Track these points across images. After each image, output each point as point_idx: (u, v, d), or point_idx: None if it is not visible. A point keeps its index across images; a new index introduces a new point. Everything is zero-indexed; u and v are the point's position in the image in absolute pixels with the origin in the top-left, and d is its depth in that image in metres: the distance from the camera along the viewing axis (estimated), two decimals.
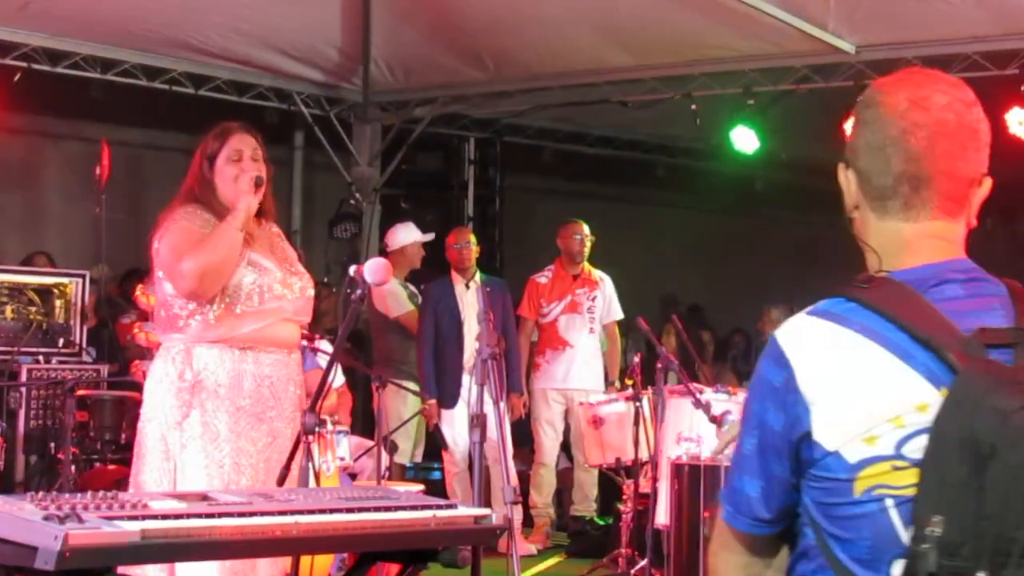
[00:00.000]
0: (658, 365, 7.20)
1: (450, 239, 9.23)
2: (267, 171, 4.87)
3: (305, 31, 10.56)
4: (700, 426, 6.91)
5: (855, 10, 9.00)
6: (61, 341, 8.89)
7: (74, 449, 7.70)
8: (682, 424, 7.09)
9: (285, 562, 4.57)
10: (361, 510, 3.29)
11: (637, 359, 7.84)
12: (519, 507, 8.75)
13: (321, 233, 12.34)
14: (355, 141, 11.92)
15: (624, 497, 7.96)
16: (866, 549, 2.02)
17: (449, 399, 8.84)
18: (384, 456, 7.16)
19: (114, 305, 10.11)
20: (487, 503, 5.77)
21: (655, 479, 7.01)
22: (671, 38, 9.83)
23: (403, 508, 3.36)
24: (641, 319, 7.58)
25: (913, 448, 1.98)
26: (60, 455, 7.67)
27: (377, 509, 3.31)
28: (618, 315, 9.68)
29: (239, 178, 4.77)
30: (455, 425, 8.84)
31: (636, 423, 7.54)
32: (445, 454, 9.05)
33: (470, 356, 8.51)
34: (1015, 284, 2.13)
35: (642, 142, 13.94)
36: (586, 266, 9.60)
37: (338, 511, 3.25)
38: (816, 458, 2.04)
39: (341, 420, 7.65)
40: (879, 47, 9.41)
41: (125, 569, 4.30)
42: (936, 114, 2.10)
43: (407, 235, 9.64)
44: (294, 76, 11.19)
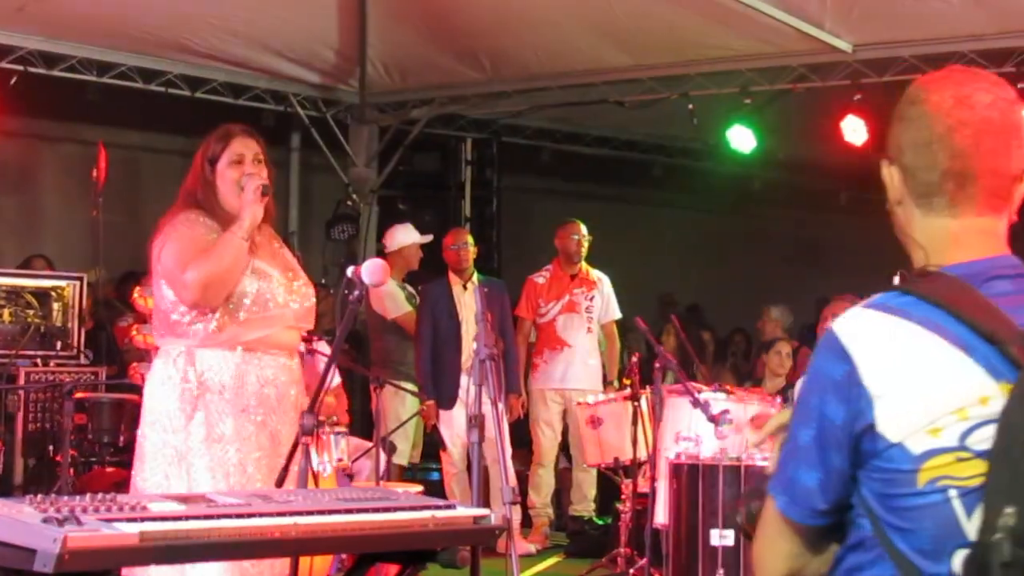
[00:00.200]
0: (656, 365, 7.20)
1: (448, 240, 9.23)
2: (269, 174, 4.81)
3: (301, 33, 10.55)
4: (698, 426, 6.91)
5: (852, 9, 9.00)
6: (59, 344, 8.89)
7: (73, 452, 7.70)
8: (680, 424, 7.08)
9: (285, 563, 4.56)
10: (360, 511, 3.29)
11: (635, 359, 7.84)
12: (518, 507, 8.75)
13: (318, 235, 12.33)
14: (352, 142, 11.92)
15: (623, 497, 7.96)
16: (928, 539, 2.06)
17: (447, 400, 8.84)
18: (383, 457, 7.16)
19: (111, 308, 10.10)
20: (486, 503, 5.76)
21: (653, 479, 7.00)
22: (668, 38, 9.83)
23: (402, 509, 3.36)
24: (639, 319, 7.58)
25: (977, 440, 2.02)
26: (59, 458, 7.67)
27: (376, 510, 3.31)
28: (616, 315, 9.67)
29: (244, 184, 4.70)
30: (453, 426, 8.83)
31: (634, 423, 7.54)
32: (443, 455, 9.04)
33: (468, 357, 8.51)
34: None
35: (640, 142, 13.94)
36: (584, 266, 9.59)
37: (337, 512, 3.25)
38: (879, 450, 2.07)
39: (339, 420, 7.64)
40: (876, 46, 9.41)
41: (130, 570, 4.31)
42: (981, 112, 2.14)
43: (405, 236, 9.65)
44: (290, 78, 11.18)
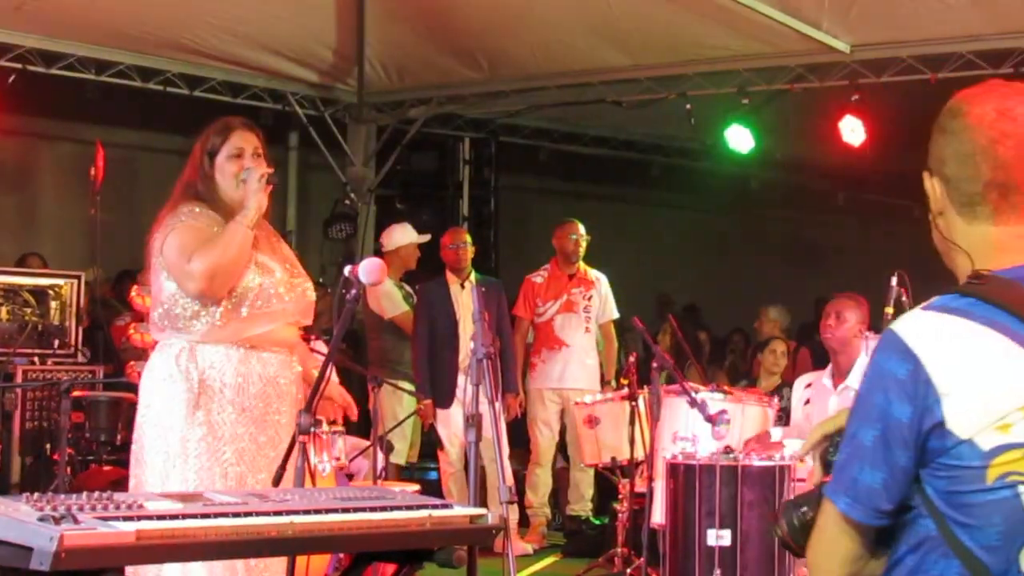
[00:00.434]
0: (653, 365, 7.19)
1: (446, 239, 9.22)
2: (266, 166, 4.76)
3: (299, 32, 10.56)
4: (695, 425, 6.91)
5: (849, 9, 9.00)
6: (56, 342, 8.88)
7: (70, 450, 7.70)
8: (677, 424, 7.09)
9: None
10: (357, 510, 3.29)
11: (632, 359, 7.83)
12: (515, 507, 8.75)
13: (316, 234, 12.34)
14: (350, 142, 11.92)
15: (620, 497, 7.96)
16: (996, 535, 2.09)
17: (444, 399, 8.83)
18: (380, 456, 7.15)
19: (109, 307, 10.10)
20: (483, 503, 5.76)
21: (650, 478, 7.00)
22: (666, 38, 9.84)
23: (399, 508, 3.36)
24: (636, 319, 7.58)
25: None
26: (56, 456, 7.66)
27: (373, 509, 3.31)
28: (614, 314, 9.67)
29: (247, 176, 4.66)
30: (451, 425, 8.83)
31: (632, 423, 7.54)
32: (441, 454, 9.04)
33: (465, 356, 8.50)
34: None
35: (637, 142, 13.94)
36: (582, 266, 9.58)
37: (334, 511, 3.24)
38: (947, 447, 2.11)
39: (337, 419, 7.63)
40: (873, 46, 9.42)
41: (134, 570, 4.31)
42: (1023, 124, 2.20)
43: (403, 236, 9.64)
44: (289, 77, 11.18)
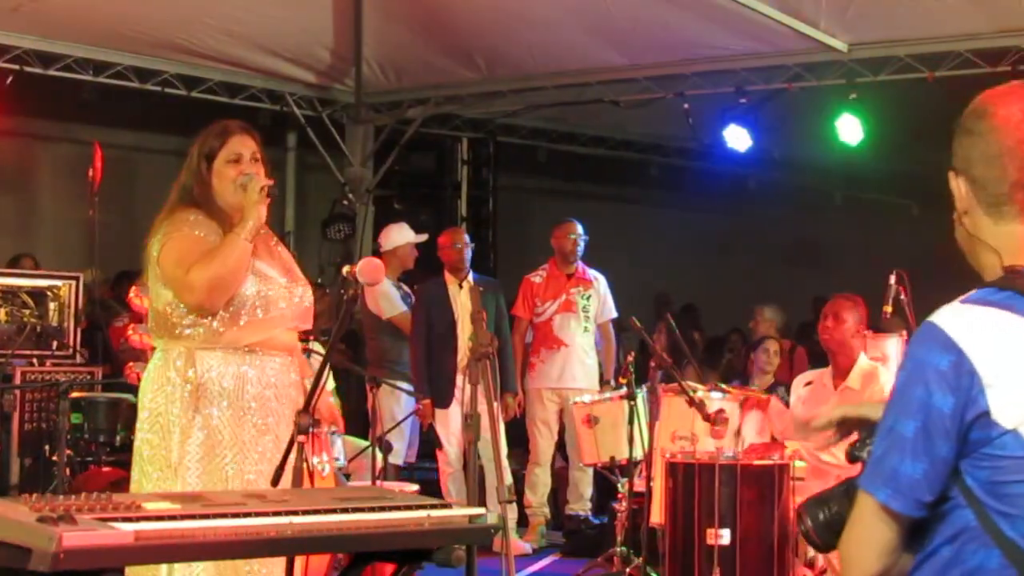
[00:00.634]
0: (651, 364, 7.20)
1: (445, 240, 9.18)
2: (265, 172, 4.72)
3: (297, 32, 10.56)
4: (694, 424, 6.91)
5: (847, 8, 9.01)
6: (55, 344, 8.88)
7: (68, 451, 7.69)
8: (676, 423, 7.09)
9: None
10: (355, 510, 3.29)
11: (630, 358, 7.84)
12: (514, 506, 8.75)
13: (314, 234, 12.35)
14: (348, 142, 11.92)
15: (619, 496, 7.96)
16: None
17: (443, 399, 8.83)
18: (379, 456, 7.16)
19: (107, 308, 10.10)
20: (482, 502, 5.76)
21: (649, 478, 7.01)
22: (663, 37, 9.84)
23: (397, 508, 3.36)
24: (633, 319, 7.59)
25: None
26: (54, 457, 7.66)
27: (371, 509, 3.31)
28: (612, 314, 9.67)
29: (247, 184, 4.61)
30: (449, 425, 8.83)
31: (630, 422, 7.54)
32: (439, 454, 9.04)
33: (463, 356, 8.49)
34: None
35: (635, 141, 13.95)
36: (580, 265, 9.58)
37: (332, 511, 3.25)
38: (992, 437, 2.13)
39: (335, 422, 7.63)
40: (871, 45, 9.43)
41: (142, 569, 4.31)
42: None
43: (401, 236, 9.63)
44: (286, 77, 11.19)
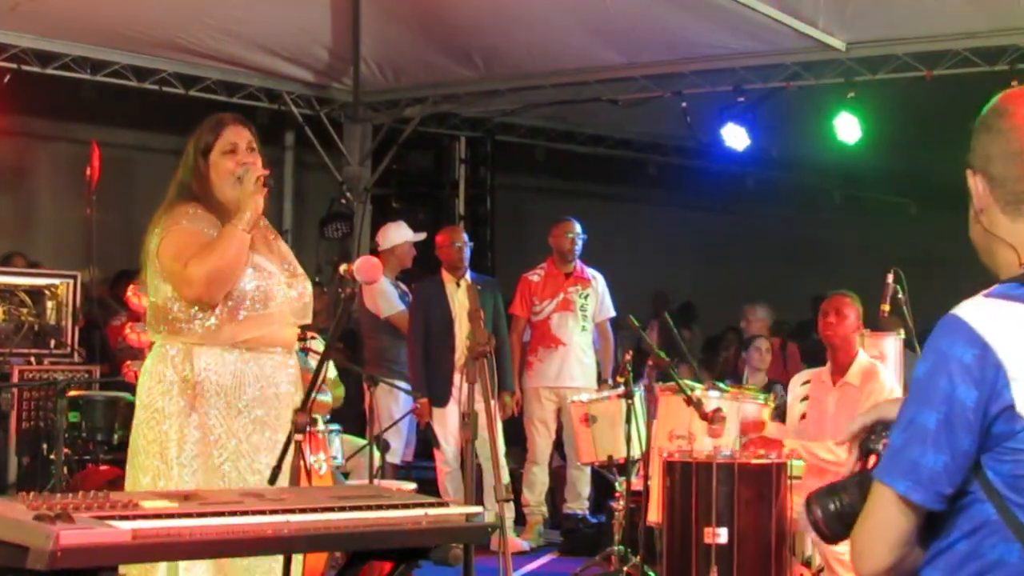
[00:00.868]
0: (649, 363, 7.20)
1: (446, 239, 9.15)
2: (262, 162, 4.72)
3: (295, 31, 10.56)
4: (691, 423, 6.91)
5: (845, 7, 9.01)
6: (52, 342, 8.88)
7: (66, 450, 7.70)
8: (674, 421, 7.09)
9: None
10: (353, 509, 3.29)
11: (627, 357, 7.84)
12: (511, 505, 8.74)
13: (312, 233, 12.34)
14: (346, 141, 11.92)
15: (616, 495, 7.96)
16: None
17: (440, 398, 8.83)
18: (376, 455, 7.16)
19: (105, 306, 10.10)
20: (479, 501, 5.77)
21: (647, 476, 7.01)
22: (661, 36, 9.84)
23: (394, 507, 3.37)
24: (630, 317, 7.59)
25: None
26: (52, 456, 7.67)
27: (369, 508, 3.32)
28: (610, 313, 9.66)
29: (243, 176, 4.61)
30: (447, 424, 8.83)
31: (628, 421, 7.54)
32: (437, 453, 9.04)
33: (461, 354, 8.49)
34: None
35: (633, 140, 13.94)
36: (579, 264, 9.58)
37: (329, 510, 3.25)
38: (1016, 431, 2.15)
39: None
40: (869, 44, 9.43)
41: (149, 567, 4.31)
42: None
43: (398, 234, 9.63)
44: (284, 76, 11.19)
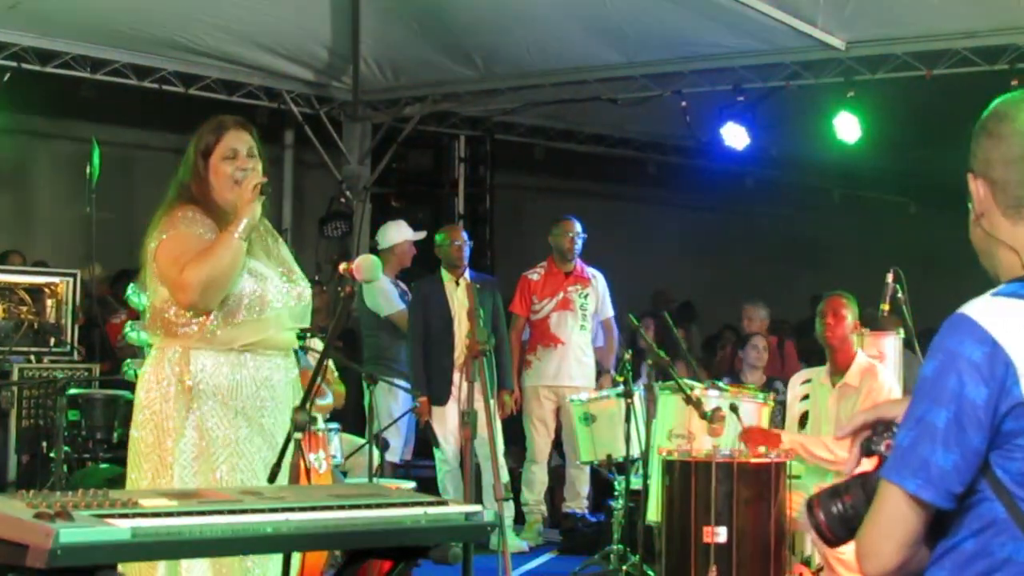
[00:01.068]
0: (648, 362, 7.20)
1: (446, 237, 9.14)
2: (263, 167, 4.70)
3: (295, 30, 10.56)
4: (691, 422, 6.92)
5: (844, 6, 9.01)
6: (52, 340, 8.88)
7: (66, 448, 7.70)
8: (673, 420, 7.10)
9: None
10: (352, 507, 3.30)
11: (626, 356, 7.85)
12: (511, 504, 8.74)
13: (312, 231, 12.34)
14: (345, 139, 11.92)
15: (615, 494, 7.97)
16: None
17: (440, 396, 8.83)
18: (376, 454, 7.16)
19: (105, 305, 10.10)
20: (478, 500, 5.78)
21: (646, 475, 7.01)
22: (661, 35, 9.84)
23: (394, 505, 3.37)
24: (629, 316, 7.60)
25: None
26: (52, 454, 7.67)
27: (368, 506, 3.32)
28: (610, 312, 9.67)
29: (241, 181, 4.59)
30: (446, 422, 8.83)
31: (627, 420, 7.54)
32: (437, 451, 9.04)
33: (460, 353, 8.50)
34: None
35: (633, 139, 13.93)
36: (578, 263, 9.58)
37: (329, 508, 3.25)
38: None
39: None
40: (869, 43, 9.43)
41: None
42: None
43: (398, 233, 9.63)
44: (284, 75, 11.19)
